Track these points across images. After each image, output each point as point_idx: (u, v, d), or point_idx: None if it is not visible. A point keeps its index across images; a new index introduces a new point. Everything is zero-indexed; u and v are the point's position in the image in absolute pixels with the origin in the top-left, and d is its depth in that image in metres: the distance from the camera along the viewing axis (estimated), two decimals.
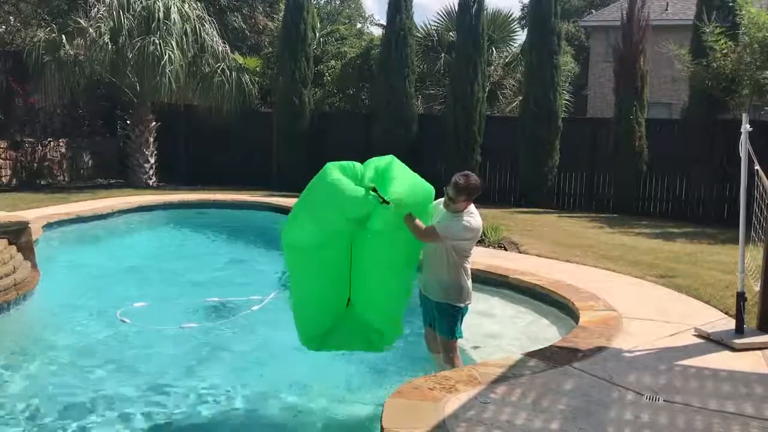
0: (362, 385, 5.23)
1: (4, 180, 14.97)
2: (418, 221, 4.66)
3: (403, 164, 4.74)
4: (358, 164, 4.57)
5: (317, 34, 18.02)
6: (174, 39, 15.29)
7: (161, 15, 15.19)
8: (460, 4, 15.45)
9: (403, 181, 4.58)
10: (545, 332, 6.28)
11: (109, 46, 14.88)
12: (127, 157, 16.60)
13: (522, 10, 31.50)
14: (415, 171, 4.83)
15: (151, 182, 16.33)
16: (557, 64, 14.98)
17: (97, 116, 17.37)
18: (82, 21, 15.09)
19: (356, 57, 18.09)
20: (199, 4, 17.02)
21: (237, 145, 16.74)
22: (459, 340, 4.98)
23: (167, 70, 14.89)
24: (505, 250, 9.39)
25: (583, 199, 15.15)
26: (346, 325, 4.89)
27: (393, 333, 5.02)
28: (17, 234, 7.59)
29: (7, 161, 15.10)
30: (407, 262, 4.88)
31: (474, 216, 4.79)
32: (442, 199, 4.90)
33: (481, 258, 7.55)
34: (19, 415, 4.65)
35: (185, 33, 15.77)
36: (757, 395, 4.30)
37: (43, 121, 16.17)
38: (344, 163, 4.51)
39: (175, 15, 15.49)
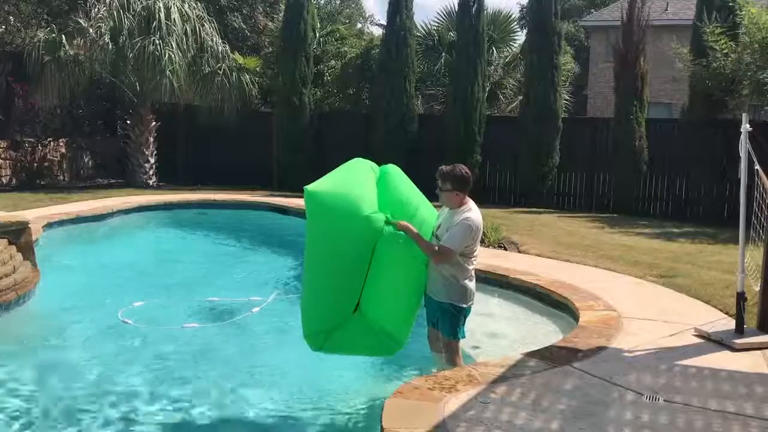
0: (362, 385, 5.23)
1: (4, 180, 14.97)
2: (429, 243, 4.73)
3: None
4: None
5: (317, 34, 18.02)
6: (174, 39, 15.29)
7: (161, 15, 15.18)
8: (460, 4, 15.46)
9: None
10: (545, 332, 6.28)
11: (110, 46, 14.89)
12: (127, 157, 16.59)
13: (521, 11, 31.48)
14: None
15: (151, 182, 16.33)
16: (557, 64, 14.98)
17: (97, 116, 17.37)
18: (82, 21, 15.10)
19: (356, 57, 18.09)
20: (199, 4, 17.01)
21: (237, 145, 16.73)
22: (461, 340, 4.98)
23: (167, 70, 14.90)
24: (505, 249, 9.39)
25: (583, 199, 15.14)
26: (353, 328, 4.74)
27: (404, 336, 4.92)
28: (17, 234, 7.59)
29: (7, 161, 15.11)
30: (425, 262, 4.86)
31: (472, 212, 4.78)
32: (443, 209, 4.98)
33: (481, 258, 7.49)
34: (19, 415, 4.65)
35: (185, 33, 15.78)
36: (757, 395, 4.30)
37: (43, 121, 16.18)
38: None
39: (175, 15, 15.50)
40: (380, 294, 4.72)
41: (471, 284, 4.89)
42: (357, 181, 4.81)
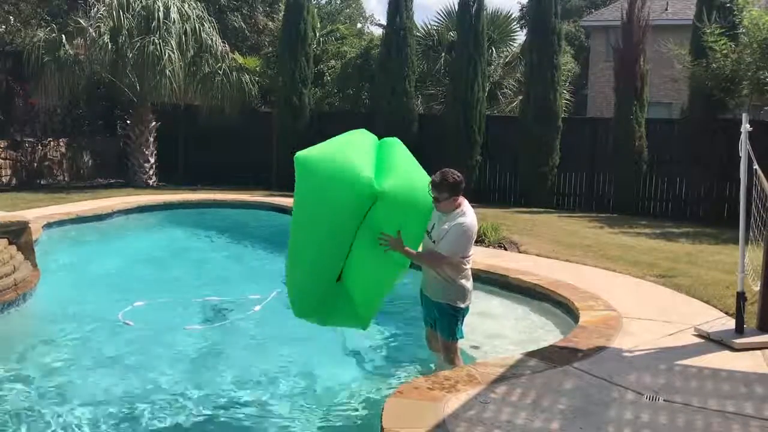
0: (362, 385, 5.22)
1: (4, 180, 14.98)
2: (420, 254, 4.81)
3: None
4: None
5: (317, 34, 18.02)
6: (174, 39, 15.31)
7: (161, 15, 15.20)
8: (460, 4, 15.46)
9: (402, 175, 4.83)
10: (545, 332, 6.28)
11: (109, 46, 14.91)
12: (127, 157, 16.62)
13: (521, 10, 31.47)
14: None
15: (151, 182, 16.34)
16: (557, 64, 14.98)
17: (97, 116, 17.39)
18: (82, 21, 15.12)
19: (356, 57, 18.09)
20: (199, 4, 17.03)
21: (237, 145, 16.74)
22: (459, 341, 4.98)
23: (167, 70, 14.91)
24: (505, 249, 9.39)
25: (583, 199, 15.13)
26: (335, 296, 4.91)
27: (370, 313, 5.05)
28: (17, 234, 7.59)
29: (7, 161, 15.12)
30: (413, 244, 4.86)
31: (467, 215, 4.73)
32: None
33: (481, 258, 7.55)
34: (19, 415, 4.65)
35: (185, 33, 15.80)
36: (757, 395, 4.30)
37: (43, 121, 16.20)
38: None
39: (174, 15, 15.52)
40: (361, 266, 4.80)
41: (468, 284, 4.88)
42: (351, 147, 5.01)
